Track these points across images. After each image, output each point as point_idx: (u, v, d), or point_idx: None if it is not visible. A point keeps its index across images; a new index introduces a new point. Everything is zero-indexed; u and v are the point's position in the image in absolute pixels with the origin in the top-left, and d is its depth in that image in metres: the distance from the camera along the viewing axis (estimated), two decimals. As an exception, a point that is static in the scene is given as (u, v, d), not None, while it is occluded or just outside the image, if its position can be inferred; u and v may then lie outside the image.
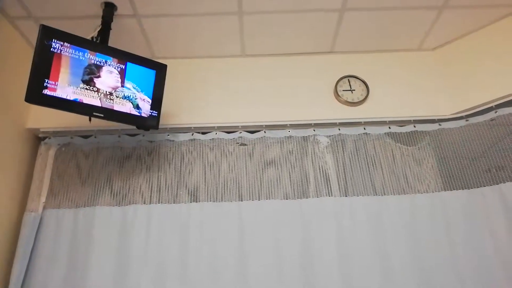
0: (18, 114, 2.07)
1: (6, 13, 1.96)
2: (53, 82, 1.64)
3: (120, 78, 1.81)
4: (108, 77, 1.77)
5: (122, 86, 1.81)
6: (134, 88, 1.85)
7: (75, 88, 1.69)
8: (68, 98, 1.67)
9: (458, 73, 2.21)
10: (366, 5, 2.02)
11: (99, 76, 1.74)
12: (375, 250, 1.88)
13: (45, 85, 1.62)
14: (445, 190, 2.03)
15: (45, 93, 1.61)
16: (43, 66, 1.62)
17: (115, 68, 1.80)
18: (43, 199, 2.04)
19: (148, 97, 1.90)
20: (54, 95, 1.63)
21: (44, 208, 2.01)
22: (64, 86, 1.66)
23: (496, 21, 2.14)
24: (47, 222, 1.97)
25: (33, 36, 2.09)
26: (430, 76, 2.29)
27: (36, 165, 2.10)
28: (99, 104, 1.74)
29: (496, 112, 2.05)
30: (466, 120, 2.15)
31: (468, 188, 1.99)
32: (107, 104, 1.76)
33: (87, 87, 1.72)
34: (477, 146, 2.08)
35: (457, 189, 2.01)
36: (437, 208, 1.96)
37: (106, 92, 1.76)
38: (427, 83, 2.27)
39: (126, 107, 1.82)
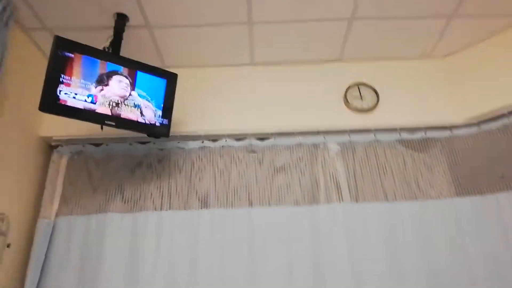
0: (31, 123, 2.11)
1: (21, 24, 2.01)
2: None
3: (130, 87, 1.84)
4: (117, 86, 1.80)
5: (132, 94, 1.83)
6: (144, 96, 1.87)
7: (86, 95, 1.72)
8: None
9: (469, 81, 2.20)
10: (376, 14, 2.02)
11: (107, 85, 1.77)
12: (386, 256, 1.86)
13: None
14: (457, 196, 2.00)
15: (59, 96, 1.64)
16: (57, 73, 1.65)
17: (124, 77, 1.83)
18: (55, 206, 2.07)
19: (159, 105, 1.92)
20: (67, 103, 1.66)
21: (57, 215, 2.04)
22: (78, 86, 1.69)
23: (505, 29, 2.14)
24: (60, 228, 1.99)
25: (47, 46, 2.12)
26: (440, 84, 2.28)
27: (49, 173, 2.13)
28: (109, 113, 1.76)
29: (509, 119, 2.03)
30: (479, 127, 2.13)
31: (481, 194, 1.96)
32: (117, 112, 1.78)
33: (98, 95, 1.74)
34: (490, 153, 2.05)
35: (469, 195, 1.98)
36: (449, 214, 1.94)
37: (117, 100, 1.79)
38: (437, 90, 2.26)
39: (136, 116, 1.84)
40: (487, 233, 1.87)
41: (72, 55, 1.70)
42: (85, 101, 1.71)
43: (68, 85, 1.67)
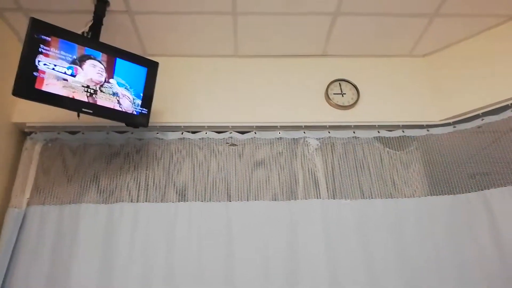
0: (4, 107, 2.03)
1: (-5, 4, 1.92)
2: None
3: (107, 73, 1.79)
4: (91, 71, 1.74)
5: (109, 81, 1.79)
6: (123, 84, 1.83)
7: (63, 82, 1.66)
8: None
9: (447, 80, 2.25)
10: (360, 10, 2.04)
11: (82, 70, 1.71)
12: (361, 252, 1.89)
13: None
14: (431, 195, 2.05)
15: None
16: (32, 56, 1.58)
17: (100, 62, 1.77)
18: (27, 195, 2.00)
19: (139, 94, 1.88)
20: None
21: (28, 204, 1.97)
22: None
23: (485, 30, 2.19)
24: (31, 218, 1.93)
25: (22, 29, 2.05)
26: (419, 82, 2.32)
27: (21, 161, 2.06)
28: (87, 100, 1.71)
29: (482, 119, 2.09)
30: (454, 127, 2.19)
31: (454, 194, 2.02)
32: (95, 99, 1.73)
33: (73, 81, 1.69)
34: (464, 153, 2.11)
35: (442, 194, 2.04)
36: (423, 213, 1.99)
37: (93, 87, 1.74)
38: (416, 89, 2.30)
39: (114, 104, 1.79)
40: (458, 233, 1.93)
41: (49, 39, 1.64)
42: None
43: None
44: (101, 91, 1.76)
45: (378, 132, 2.23)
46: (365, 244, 1.91)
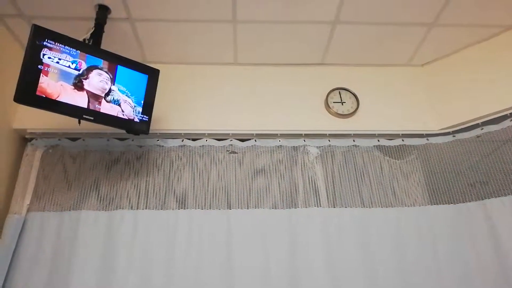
0: (5, 113, 2.03)
1: (-4, 10, 1.93)
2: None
3: (110, 81, 1.80)
4: (97, 80, 1.75)
5: (112, 89, 1.79)
6: (124, 92, 1.84)
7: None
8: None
9: (446, 89, 2.26)
10: (359, 19, 2.05)
11: (87, 78, 1.72)
12: (361, 261, 1.89)
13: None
14: (431, 204, 2.05)
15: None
16: (34, 63, 1.59)
17: (104, 71, 1.78)
18: (27, 201, 2.00)
19: (139, 101, 1.89)
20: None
21: (28, 210, 1.97)
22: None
23: (483, 40, 2.20)
24: (31, 225, 1.93)
25: (23, 35, 2.06)
26: (419, 92, 2.33)
27: (22, 167, 2.06)
28: (88, 107, 1.72)
29: (482, 129, 2.09)
30: (453, 136, 2.19)
31: (454, 203, 2.02)
32: (96, 106, 1.74)
33: (76, 89, 1.70)
34: (463, 162, 2.11)
35: (443, 204, 2.04)
36: (423, 222, 1.98)
37: (95, 94, 1.74)
38: (416, 98, 2.31)
39: (115, 111, 1.80)
40: (458, 242, 1.92)
41: (51, 45, 1.64)
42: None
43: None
44: (103, 98, 1.77)
45: (378, 140, 2.23)
46: (365, 253, 1.91)
